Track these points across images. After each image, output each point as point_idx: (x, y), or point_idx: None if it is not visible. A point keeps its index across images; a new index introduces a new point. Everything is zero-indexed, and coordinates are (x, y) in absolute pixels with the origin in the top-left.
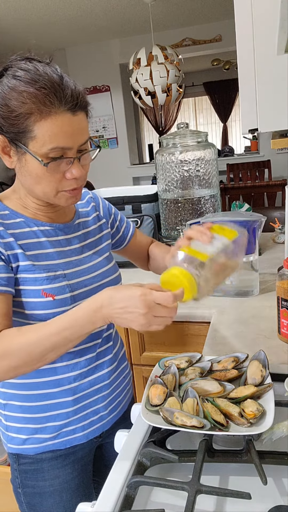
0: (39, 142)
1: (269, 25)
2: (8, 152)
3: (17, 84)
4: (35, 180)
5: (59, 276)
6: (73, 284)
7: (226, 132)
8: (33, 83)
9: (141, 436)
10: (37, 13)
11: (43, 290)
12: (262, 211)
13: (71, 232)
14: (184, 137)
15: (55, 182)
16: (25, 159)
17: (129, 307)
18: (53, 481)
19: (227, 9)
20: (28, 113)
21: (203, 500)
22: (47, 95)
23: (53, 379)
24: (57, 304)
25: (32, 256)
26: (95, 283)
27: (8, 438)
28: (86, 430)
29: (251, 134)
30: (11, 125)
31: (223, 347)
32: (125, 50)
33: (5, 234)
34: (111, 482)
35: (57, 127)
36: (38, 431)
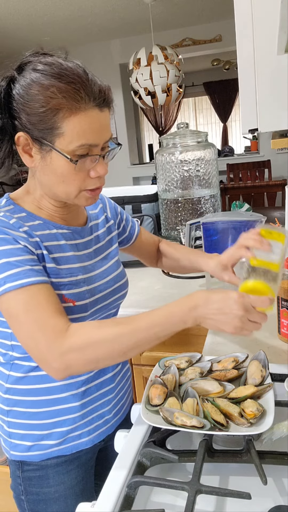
0: (66, 139)
1: (269, 25)
2: (28, 151)
3: (42, 78)
4: (60, 178)
5: (80, 281)
6: (91, 290)
7: (226, 132)
8: (60, 78)
9: (141, 436)
10: (37, 13)
11: (64, 295)
12: (262, 211)
13: (86, 236)
14: (184, 137)
15: (79, 181)
16: (50, 157)
17: (225, 308)
18: (58, 487)
19: (227, 9)
20: (57, 108)
21: (203, 500)
22: (77, 90)
23: (61, 384)
24: (76, 310)
25: (55, 259)
26: (108, 288)
27: (12, 445)
28: (91, 434)
29: (251, 134)
30: (37, 122)
31: (223, 347)
32: (125, 50)
33: (32, 234)
34: (111, 482)
35: (86, 124)
36: (44, 437)
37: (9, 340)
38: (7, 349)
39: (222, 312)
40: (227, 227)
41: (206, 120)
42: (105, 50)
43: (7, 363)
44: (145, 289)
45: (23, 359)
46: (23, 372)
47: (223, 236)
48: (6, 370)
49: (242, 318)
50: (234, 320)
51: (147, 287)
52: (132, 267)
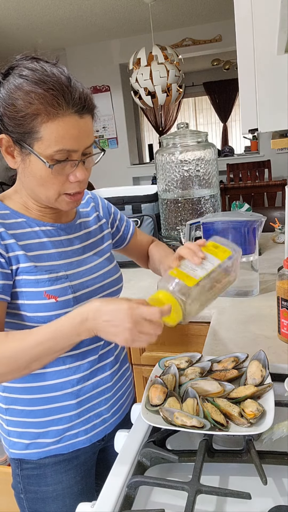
0: (44, 144)
1: (269, 25)
2: (11, 152)
3: (24, 83)
4: (38, 182)
5: (62, 277)
6: (75, 285)
7: (226, 132)
8: (41, 84)
9: (141, 436)
10: (37, 13)
11: (45, 291)
12: (262, 211)
13: (73, 232)
14: (184, 137)
15: (58, 185)
16: (29, 160)
17: (115, 321)
18: (56, 486)
19: (227, 9)
20: (35, 113)
21: (203, 500)
22: (55, 96)
23: (55, 382)
24: (60, 306)
25: (33, 257)
26: (97, 284)
27: (10, 443)
28: (89, 433)
29: (251, 134)
30: (17, 125)
31: (223, 347)
32: (125, 50)
33: (6, 236)
34: (111, 482)
35: (63, 130)
36: (41, 435)
37: None
38: None
39: (111, 325)
40: (227, 227)
41: (206, 120)
42: (105, 50)
43: None
44: (145, 289)
45: None
46: None
47: (223, 236)
48: None
49: (131, 331)
50: (124, 332)
51: (147, 287)
52: (132, 267)
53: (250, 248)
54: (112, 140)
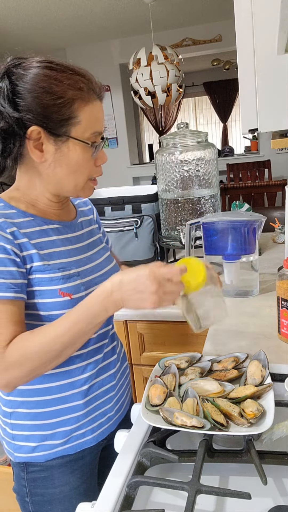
0: (82, 128)
1: (269, 25)
2: (38, 146)
3: (52, 73)
4: (72, 168)
5: (74, 274)
6: (86, 282)
7: (226, 132)
8: (70, 72)
9: (141, 436)
10: (37, 13)
11: (60, 289)
12: (262, 211)
13: (76, 230)
14: (184, 137)
15: (89, 169)
16: (67, 148)
17: (139, 287)
18: (63, 487)
19: (227, 9)
20: (74, 98)
21: (203, 500)
22: (86, 83)
23: (64, 383)
24: (74, 303)
25: (46, 256)
26: (103, 281)
27: (15, 447)
28: (95, 432)
29: (251, 134)
30: (54, 112)
31: (223, 347)
32: (125, 50)
33: (19, 235)
34: (111, 482)
35: (95, 113)
36: (48, 437)
37: None
38: None
39: (137, 291)
40: (227, 227)
41: (206, 120)
42: (105, 50)
43: None
44: None
45: None
46: None
47: (223, 236)
48: None
49: (157, 293)
50: (150, 296)
51: None
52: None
53: (250, 248)
54: (112, 140)
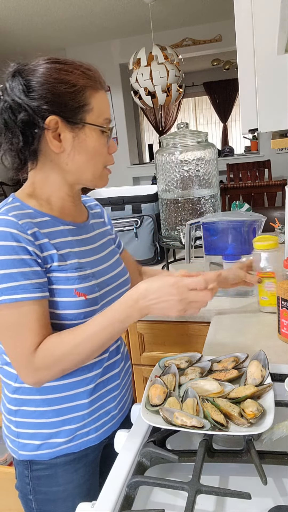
0: (95, 114)
1: (269, 25)
2: (56, 137)
3: (61, 65)
4: (91, 155)
5: (89, 275)
6: (100, 283)
7: (226, 132)
8: (77, 64)
9: (141, 436)
10: (37, 13)
11: (75, 289)
12: (262, 211)
13: (89, 232)
14: (184, 137)
15: (104, 156)
16: (84, 134)
17: (164, 296)
18: (66, 486)
19: (227, 9)
20: (85, 86)
21: (203, 500)
22: (92, 73)
23: (70, 382)
24: (88, 304)
25: (63, 256)
26: (115, 282)
27: (20, 445)
28: (99, 431)
29: (251, 134)
30: (70, 100)
31: (223, 347)
32: (125, 50)
33: (40, 235)
34: (111, 482)
35: (104, 101)
36: (53, 435)
37: None
38: None
39: (162, 300)
40: (227, 227)
41: (206, 120)
42: (105, 50)
43: None
44: None
45: None
46: None
47: (223, 236)
48: (14, 370)
49: (181, 302)
50: (175, 304)
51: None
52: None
53: (250, 248)
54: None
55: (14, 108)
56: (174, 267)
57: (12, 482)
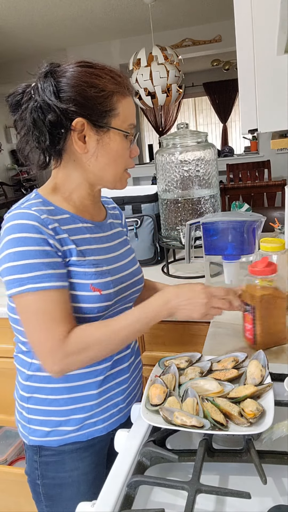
0: (121, 119)
1: (269, 25)
2: (81, 138)
3: (93, 70)
4: (112, 157)
5: (105, 272)
6: (114, 280)
7: (226, 132)
8: (106, 69)
9: (141, 435)
10: (38, 13)
11: (91, 284)
12: (261, 211)
13: (106, 231)
14: (184, 138)
15: (125, 159)
16: (108, 137)
17: (193, 298)
18: (72, 472)
19: (227, 9)
20: (113, 91)
21: (203, 499)
22: (121, 79)
23: (81, 372)
24: (102, 299)
25: (82, 251)
26: (129, 280)
27: (30, 431)
28: (106, 422)
29: (250, 134)
30: (98, 104)
31: (223, 347)
32: (125, 50)
33: (60, 230)
34: (111, 482)
35: (130, 107)
36: (62, 423)
37: None
38: None
39: (190, 302)
40: (227, 227)
41: (206, 120)
42: (105, 50)
43: (29, 351)
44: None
45: None
46: None
47: (223, 236)
48: (29, 358)
49: (206, 305)
50: (201, 307)
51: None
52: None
53: (250, 248)
54: None
55: (44, 108)
56: (174, 267)
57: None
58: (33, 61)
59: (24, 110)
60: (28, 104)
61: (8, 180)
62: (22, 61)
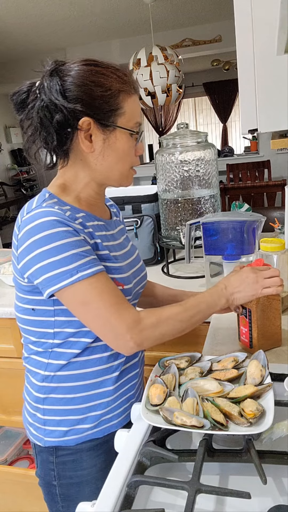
0: (126, 118)
1: (269, 25)
2: (88, 137)
3: (99, 69)
4: (119, 156)
5: (125, 267)
6: (130, 276)
7: (226, 132)
8: (113, 68)
9: (141, 435)
10: (38, 13)
11: (115, 278)
12: (261, 211)
13: (114, 228)
14: (184, 138)
15: (131, 157)
16: (114, 136)
17: (246, 280)
18: (91, 469)
19: (227, 9)
20: (119, 91)
21: (203, 499)
22: (127, 77)
23: (99, 369)
24: (125, 293)
25: (106, 247)
26: (138, 275)
27: (46, 432)
28: (120, 417)
29: (250, 134)
30: (104, 103)
31: (223, 347)
32: (125, 50)
33: (86, 225)
34: (111, 482)
35: (136, 106)
36: (80, 422)
37: (52, 328)
38: (48, 337)
39: (242, 283)
40: (227, 227)
41: (206, 120)
42: (105, 50)
43: (46, 351)
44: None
45: (64, 345)
46: (65, 359)
47: (223, 236)
48: (45, 359)
49: (257, 278)
50: (254, 283)
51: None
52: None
53: (250, 248)
54: None
55: (50, 108)
56: (174, 267)
57: (12, 482)
58: (33, 61)
59: (31, 110)
60: (35, 103)
61: (8, 180)
62: (22, 61)
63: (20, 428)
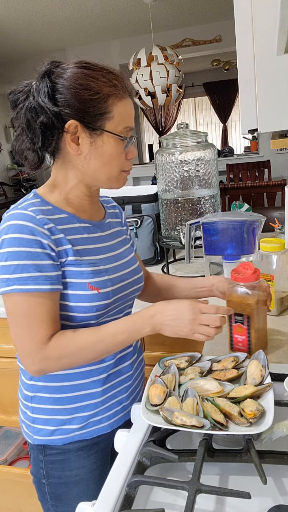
0: (115, 122)
1: (269, 25)
2: (75, 140)
3: (90, 72)
4: (106, 160)
5: (102, 270)
6: (113, 279)
7: (226, 132)
8: (105, 70)
9: (141, 435)
10: (37, 13)
11: (89, 283)
12: (261, 211)
13: (105, 230)
14: (184, 138)
15: (121, 161)
16: (101, 140)
17: (179, 314)
18: (79, 470)
19: (227, 9)
20: (108, 94)
21: (203, 499)
22: (120, 82)
23: (84, 370)
24: (100, 297)
25: (79, 251)
26: (129, 278)
27: (35, 430)
28: (110, 420)
29: (250, 134)
30: (91, 107)
31: (223, 347)
32: (125, 51)
33: (56, 231)
34: (111, 482)
35: (127, 109)
36: (67, 422)
37: None
38: None
39: (176, 318)
40: (227, 227)
41: (206, 120)
42: (105, 50)
43: None
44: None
45: None
46: None
47: (223, 236)
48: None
49: (193, 322)
50: (187, 324)
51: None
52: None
53: (250, 248)
54: None
55: (37, 109)
56: (174, 267)
57: (12, 482)
58: (32, 61)
59: (20, 110)
60: (24, 103)
61: (8, 180)
62: (22, 61)
63: (20, 428)
